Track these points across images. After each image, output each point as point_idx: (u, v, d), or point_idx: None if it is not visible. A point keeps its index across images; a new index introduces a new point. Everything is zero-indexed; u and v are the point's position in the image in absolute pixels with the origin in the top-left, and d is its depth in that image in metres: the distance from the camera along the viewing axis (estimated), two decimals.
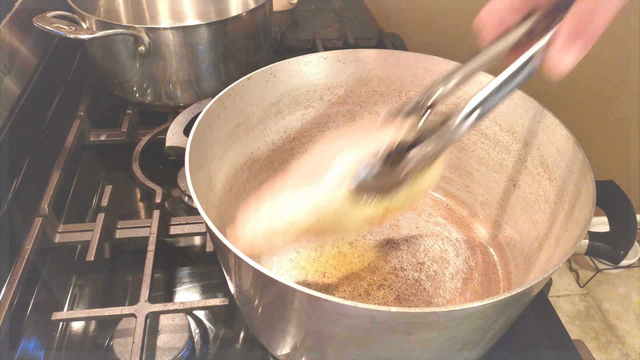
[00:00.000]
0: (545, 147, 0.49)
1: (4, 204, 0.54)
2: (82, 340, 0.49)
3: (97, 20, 0.63)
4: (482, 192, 0.58)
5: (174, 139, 0.50)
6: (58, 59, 0.75)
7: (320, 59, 0.57)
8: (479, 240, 0.58)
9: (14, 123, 0.58)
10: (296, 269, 0.54)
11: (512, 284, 0.52)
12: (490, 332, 0.38)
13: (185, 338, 0.47)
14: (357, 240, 0.57)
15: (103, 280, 0.55)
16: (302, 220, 0.33)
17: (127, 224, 0.57)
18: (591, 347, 1.53)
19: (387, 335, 0.33)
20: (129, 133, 0.71)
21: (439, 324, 0.32)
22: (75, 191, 0.66)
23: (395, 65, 0.58)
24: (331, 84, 0.59)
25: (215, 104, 0.49)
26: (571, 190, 0.44)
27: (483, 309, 0.32)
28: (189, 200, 0.65)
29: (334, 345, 0.37)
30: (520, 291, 0.32)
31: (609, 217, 0.43)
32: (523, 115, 0.51)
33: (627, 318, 1.61)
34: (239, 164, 0.55)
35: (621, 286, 1.71)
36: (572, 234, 0.39)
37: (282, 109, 0.58)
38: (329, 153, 0.36)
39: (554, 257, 0.42)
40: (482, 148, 0.57)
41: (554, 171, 0.48)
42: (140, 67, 0.67)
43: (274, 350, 0.44)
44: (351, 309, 0.30)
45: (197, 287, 0.55)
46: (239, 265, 0.36)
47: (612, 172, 1.63)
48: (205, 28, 0.65)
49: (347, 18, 1.13)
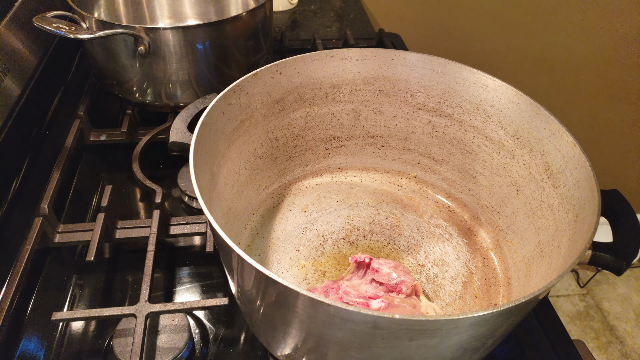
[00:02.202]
0: (550, 153, 0.49)
1: (4, 204, 0.54)
2: (82, 340, 0.49)
3: (97, 20, 0.63)
4: (484, 196, 0.58)
5: (178, 134, 0.49)
6: (58, 59, 0.75)
7: (326, 57, 0.57)
8: (479, 244, 0.58)
9: (14, 123, 0.58)
10: (296, 267, 0.54)
11: (512, 289, 0.52)
12: (491, 339, 0.38)
13: (185, 338, 0.47)
14: (357, 240, 0.57)
15: (103, 280, 0.55)
16: None
17: (127, 224, 0.57)
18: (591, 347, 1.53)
19: (388, 340, 0.33)
20: (129, 133, 0.71)
21: (442, 331, 0.32)
22: (75, 191, 0.66)
23: (402, 65, 0.58)
24: (336, 82, 0.59)
25: (220, 100, 0.49)
26: (576, 199, 0.44)
27: (486, 317, 0.32)
28: (189, 200, 0.65)
29: (335, 348, 0.37)
30: (524, 301, 0.32)
31: (613, 228, 0.43)
32: (529, 120, 0.51)
33: (627, 318, 1.61)
34: (242, 161, 0.55)
35: (621, 286, 1.71)
36: (577, 244, 0.39)
37: (286, 106, 0.58)
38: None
39: (557, 265, 0.41)
40: (487, 152, 0.57)
41: (559, 178, 0.47)
42: (140, 67, 0.67)
43: (274, 351, 0.44)
44: (354, 314, 0.30)
45: (197, 287, 0.55)
46: (242, 265, 0.36)
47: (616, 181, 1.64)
48: (205, 28, 0.65)
49: (347, 18, 1.13)
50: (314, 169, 0.65)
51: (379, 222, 0.60)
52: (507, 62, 1.39)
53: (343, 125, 0.63)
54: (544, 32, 1.33)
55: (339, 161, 0.65)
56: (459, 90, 0.57)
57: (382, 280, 0.47)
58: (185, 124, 0.50)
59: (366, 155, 0.65)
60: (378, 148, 0.64)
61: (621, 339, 1.55)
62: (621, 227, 0.42)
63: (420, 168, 0.64)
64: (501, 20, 1.31)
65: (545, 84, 1.44)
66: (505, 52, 1.37)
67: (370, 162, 0.66)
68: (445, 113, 0.59)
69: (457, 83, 0.56)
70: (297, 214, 0.60)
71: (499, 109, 0.54)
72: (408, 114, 0.61)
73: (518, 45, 1.36)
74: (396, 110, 0.61)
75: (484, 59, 1.38)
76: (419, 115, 0.60)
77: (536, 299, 0.33)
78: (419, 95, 0.59)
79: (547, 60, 1.39)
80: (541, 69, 1.41)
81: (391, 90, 0.60)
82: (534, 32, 1.33)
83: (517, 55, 1.38)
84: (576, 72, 1.41)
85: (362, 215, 0.60)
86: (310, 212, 0.60)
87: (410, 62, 0.58)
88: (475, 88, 0.55)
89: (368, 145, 0.64)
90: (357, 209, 0.61)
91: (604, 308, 1.64)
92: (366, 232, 0.58)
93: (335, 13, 1.15)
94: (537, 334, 0.51)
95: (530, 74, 1.42)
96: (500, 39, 1.34)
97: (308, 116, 0.60)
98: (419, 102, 0.60)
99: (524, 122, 0.52)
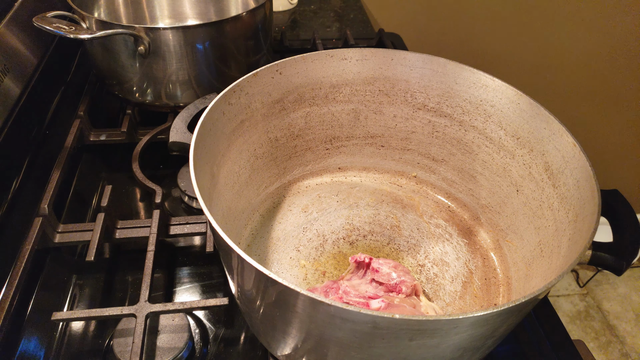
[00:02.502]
0: (550, 153, 0.49)
1: (4, 204, 0.54)
2: (82, 340, 0.49)
3: (97, 20, 0.63)
4: (484, 196, 0.58)
5: (178, 134, 0.49)
6: (58, 59, 0.75)
7: (326, 57, 0.57)
8: (479, 244, 0.58)
9: (14, 123, 0.58)
10: (296, 267, 0.54)
11: (512, 289, 0.52)
12: (491, 339, 0.38)
13: (185, 338, 0.47)
14: (357, 240, 0.57)
15: (103, 280, 0.55)
16: None
17: (127, 224, 0.57)
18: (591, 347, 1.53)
19: (388, 340, 0.33)
20: (129, 133, 0.71)
21: (442, 331, 0.32)
22: (75, 191, 0.66)
23: (402, 65, 0.58)
24: (336, 82, 0.59)
25: (221, 100, 0.49)
26: (575, 199, 0.44)
27: (486, 317, 0.32)
28: (189, 200, 0.65)
29: (335, 348, 0.37)
30: (524, 301, 0.32)
31: (613, 227, 0.43)
32: (529, 120, 0.51)
33: (627, 318, 1.61)
34: (242, 161, 0.55)
35: (621, 286, 1.71)
36: (577, 244, 0.39)
37: (286, 106, 0.58)
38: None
39: (557, 265, 0.41)
40: (486, 152, 0.57)
41: (559, 178, 0.47)
42: (140, 67, 0.67)
43: (274, 351, 0.44)
44: (355, 314, 0.30)
45: (197, 287, 0.55)
46: (242, 265, 0.36)
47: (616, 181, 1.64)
48: (205, 28, 0.65)
49: (347, 18, 1.13)
50: (314, 169, 0.65)
51: (379, 222, 0.60)
52: (507, 62, 1.39)
53: (343, 125, 0.63)
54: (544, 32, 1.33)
55: (339, 161, 0.65)
56: (459, 90, 0.57)
57: (382, 280, 0.47)
58: (185, 124, 0.50)
59: (366, 155, 0.65)
60: (378, 148, 0.64)
61: (621, 339, 1.55)
62: (621, 227, 0.42)
63: (420, 168, 0.64)
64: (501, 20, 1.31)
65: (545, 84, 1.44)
66: (505, 52, 1.37)
67: (370, 162, 0.66)
68: (445, 113, 0.59)
69: (457, 83, 0.56)
70: (297, 214, 0.60)
71: (499, 109, 0.54)
72: (408, 114, 0.61)
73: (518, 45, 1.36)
74: (396, 110, 0.61)
75: (484, 59, 1.38)
76: (419, 115, 0.60)
77: (536, 299, 0.33)
78: (419, 95, 0.59)
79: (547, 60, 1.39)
80: (541, 69, 1.41)
81: (391, 90, 0.60)
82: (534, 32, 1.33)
83: (517, 55, 1.38)
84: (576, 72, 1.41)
85: (362, 215, 0.60)
86: (310, 212, 0.60)
87: (410, 62, 0.58)
88: (475, 88, 0.55)
89: (368, 145, 0.64)
90: (357, 209, 0.61)
91: (604, 308, 1.64)
92: (366, 232, 0.58)
93: (335, 13, 1.15)
94: (537, 334, 0.51)
95: (530, 74, 1.42)
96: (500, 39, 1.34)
97: (308, 116, 0.60)
98: (419, 102, 0.60)
99: (524, 122, 0.52)
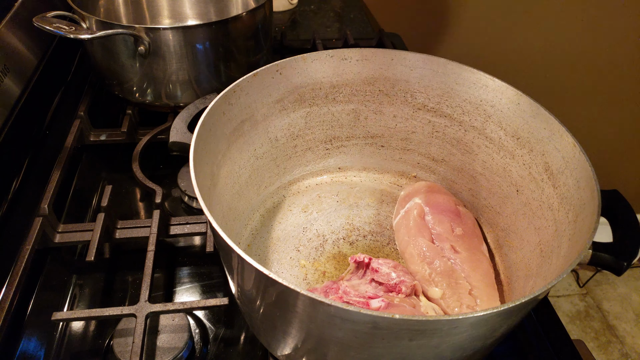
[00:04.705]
0: (550, 154, 0.49)
1: (4, 204, 0.54)
2: (82, 340, 0.49)
3: (97, 20, 0.63)
4: (484, 196, 0.58)
5: (178, 134, 0.49)
6: (58, 59, 0.75)
7: (327, 57, 0.57)
8: None
9: (14, 123, 0.58)
10: (296, 267, 0.54)
11: (512, 289, 0.52)
12: (491, 339, 0.38)
13: (185, 338, 0.47)
14: (357, 240, 0.57)
15: (103, 280, 0.55)
16: None
17: (127, 224, 0.57)
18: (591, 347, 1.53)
19: (388, 340, 0.33)
20: (129, 133, 0.71)
21: (442, 331, 0.32)
22: (75, 191, 0.66)
23: (402, 65, 0.58)
24: (337, 83, 0.59)
25: (221, 100, 0.49)
26: (576, 199, 0.44)
27: (486, 317, 0.32)
28: (189, 200, 0.65)
29: (335, 348, 0.37)
30: (524, 301, 0.32)
31: (613, 228, 0.43)
32: (529, 121, 0.51)
33: (627, 318, 1.61)
34: (242, 161, 0.55)
35: (621, 286, 1.71)
36: (577, 244, 0.39)
37: (286, 106, 0.58)
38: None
39: (557, 265, 0.41)
40: (486, 152, 0.57)
41: (559, 179, 0.47)
42: (140, 67, 0.67)
43: (274, 351, 0.44)
44: (354, 314, 0.30)
45: (197, 287, 0.55)
46: (242, 265, 0.36)
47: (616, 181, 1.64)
48: (205, 28, 0.65)
49: (347, 18, 1.13)
50: (314, 169, 0.65)
51: (379, 222, 0.60)
52: (507, 62, 1.39)
53: (343, 125, 0.63)
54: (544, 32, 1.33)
55: (339, 161, 0.65)
56: (459, 91, 0.57)
57: (381, 280, 0.47)
58: (185, 124, 0.50)
59: (366, 155, 0.65)
60: (378, 148, 0.64)
61: (621, 339, 1.55)
62: (621, 227, 0.42)
63: (420, 168, 0.64)
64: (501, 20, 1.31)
65: (545, 84, 1.44)
66: (505, 52, 1.37)
67: (370, 162, 0.66)
68: (445, 113, 0.59)
69: (457, 83, 0.56)
70: (297, 214, 0.60)
71: (499, 109, 0.54)
72: (408, 114, 0.61)
73: (518, 45, 1.36)
74: (396, 110, 0.61)
75: (484, 59, 1.38)
76: (419, 115, 0.60)
77: (536, 299, 0.33)
78: (419, 96, 0.59)
79: (547, 60, 1.39)
80: (541, 69, 1.41)
81: (391, 90, 0.60)
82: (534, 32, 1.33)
83: (517, 55, 1.38)
84: (576, 72, 1.41)
85: (362, 215, 0.60)
86: (310, 212, 0.60)
87: (410, 62, 0.58)
88: (475, 88, 0.55)
89: (368, 145, 0.64)
90: (357, 209, 0.61)
91: (604, 308, 1.64)
92: (366, 232, 0.58)
93: (335, 13, 1.15)
94: (537, 334, 0.51)
95: (530, 74, 1.42)
96: (500, 39, 1.34)
97: (308, 116, 0.60)
98: (419, 102, 0.60)
99: (524, 122, 0.52)
